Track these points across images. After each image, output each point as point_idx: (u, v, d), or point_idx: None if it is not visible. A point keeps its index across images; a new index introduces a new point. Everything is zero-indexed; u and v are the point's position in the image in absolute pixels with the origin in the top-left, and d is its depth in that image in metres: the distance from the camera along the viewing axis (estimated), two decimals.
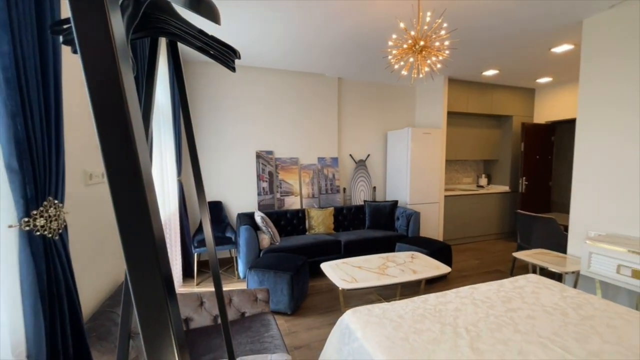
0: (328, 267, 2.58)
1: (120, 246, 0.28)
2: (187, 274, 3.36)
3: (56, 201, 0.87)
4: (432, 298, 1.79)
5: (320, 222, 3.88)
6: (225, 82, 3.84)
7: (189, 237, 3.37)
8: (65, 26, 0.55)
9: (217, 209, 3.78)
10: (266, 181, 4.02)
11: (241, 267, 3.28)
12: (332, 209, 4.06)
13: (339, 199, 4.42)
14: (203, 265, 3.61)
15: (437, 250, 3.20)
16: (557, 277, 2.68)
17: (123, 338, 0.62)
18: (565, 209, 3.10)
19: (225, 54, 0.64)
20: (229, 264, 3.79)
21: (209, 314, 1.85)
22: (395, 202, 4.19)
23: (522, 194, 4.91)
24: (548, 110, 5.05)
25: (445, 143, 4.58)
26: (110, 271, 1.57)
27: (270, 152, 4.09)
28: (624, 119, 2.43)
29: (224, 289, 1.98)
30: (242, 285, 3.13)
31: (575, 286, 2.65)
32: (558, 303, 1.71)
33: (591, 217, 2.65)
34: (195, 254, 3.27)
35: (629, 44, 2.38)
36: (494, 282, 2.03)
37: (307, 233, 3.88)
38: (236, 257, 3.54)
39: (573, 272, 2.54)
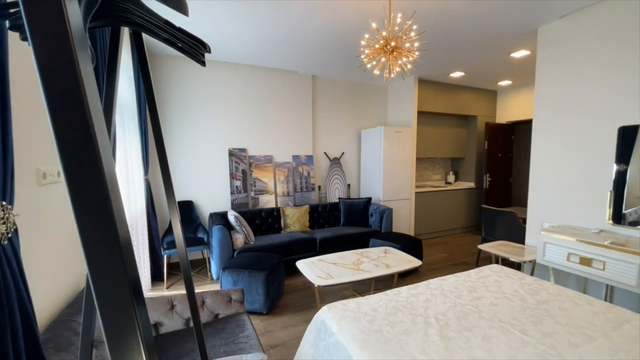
0: (304, 265, 2.58)
1: (81, 250, 0.26)
2: (157, 277, 3.21)
3: (4, 203, 0.80)
4: (404, 291, 1.86)
5: (295, 220, 3.87)
6: (196, 77, 3.70)
7: (158, 239, 3.22)
8: (12, 10, 0.50)
9: (187, 209, 3.64)
10: (239, 179, 3.93)
11: (214, 268, 3.19)
12: (307, 206, 4.06)
13: (314, 196, 4.43)
14: (173, 268, 3.47)
15: (409, 244, 3.31)
16: (517, 266, 2.88)
17: (85, 348, 0.58)
18: (524, 203, 3.34)
19: (194, 47, 0.62)
20: (201, 266, 3.67)
21: (180, 317, 1.79)
22: (369, 199, 4.28)
23: (486, 190, 5.22)
24: (508, 111, 5.40)
25: (415, 141, 4.74)
26: (69, 277, 1.46)
27: (244, 150, 4.00)
28: (574, 121, 2.66)
29: (197, 291, 1.92)
30: (216, 287, 3.05)
31: (532, 274, 2.87)
32: (517, 290, 1.85)
33: (546, 210, 2.88)
34: (165, 256, 3.13)
35: (577, 50, 2.61)
36: (461, 273, 2.14)
37: (282, 231, 3.86)
38: (209, 258, 3.44)
39: (530, 261, 2.75)
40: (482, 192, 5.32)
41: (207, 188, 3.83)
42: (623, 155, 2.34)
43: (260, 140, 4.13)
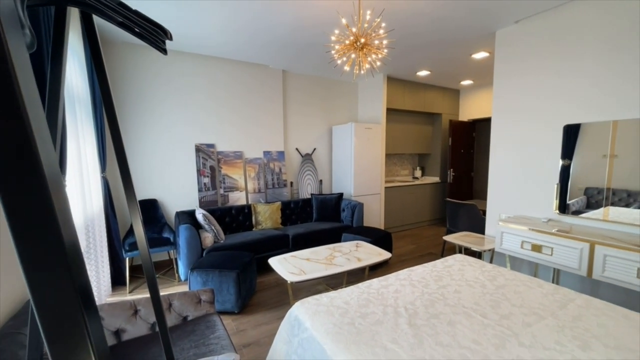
0: (276, 262, 2.56)
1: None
2: (118, 282, 3.02)
3: None
4: (375, 283, 1.91)
5: (267, 217, 3.82)
6: (160, 68, 3.48)
7: (119, 240, 3.01)
8: None
9: (151, 208, 3.45)
10: (208, 176, 3.79)
11: (182, 268, 3.06)
12: (279, 203, 4.02)
13: (286, 193, 4.40)
14: (137, 270, 3.28)
15: (379, 238, 3.41)
16: (478, 255, 3.09)
17: None
18: (484, 196, 3.56)
19: (153, 33, 0.57)
20: (168, 267, 3.51)
21: (145, 322, 1.69)
22: (341, 195, 4.34)
23: (450, 184, 5.51)
24: (470, 109, 5.72)
25: (385, 138, 4.87)
26: (13, 286, 1.32)
27: (212, 146, 3.86)
28: (527, 119, 2.87)
29: (163, 293, 1.83)
30: (184, 288, 2.93)
31: (491, 261, 3.09)
32: (478, 277, 1.97)
33: (503, 202, 3.10)
34: (127, 259, 2.95)
35: (529, 53, 2.81)
36: (428, 263, 2.24)
37: (254, 229, 3.79)
38: (176, 259, 3.29)
39: (489, 250, 2.95)
40: (446, 186, 5.60)
41: (173, 186, 3.64)
42: (567, 151, 2.58)
43: (230, 136, 4.01)
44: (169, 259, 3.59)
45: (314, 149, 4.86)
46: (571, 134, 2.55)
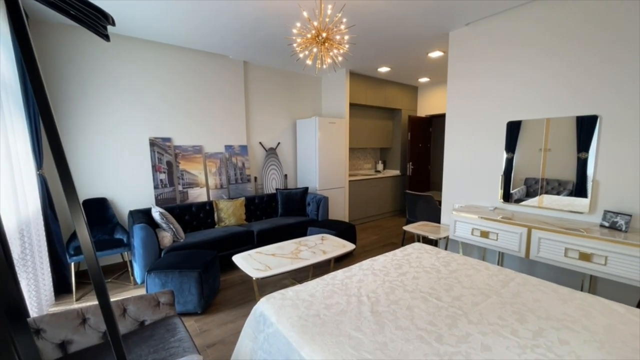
0: (240, 259, 2.51)
1: None
2: (63, 289, 2.75)
3: None
4: (339, 274, 1.96)
5: (230, 214, 3.71)
6: (108, 55, 3.17)
7: (62, 244, 2.74)
8: None
9: (100, 208, 3.17)
10: (164, 172, 3.57)
11: (138, 271, 2.87)
12: (243, 199, 3.93)
13: (250, 188, 4.31)
14: (86, 276, 3.02)
15: (344, 230, 3.49)
16: (435, 242, 3.30)
17: None
18: (440, 187, 3.80)
19: (92, 18, 0.52)
20: (122, 270, 3.27)
21: (95, 331, 1.57)
22: (306, 189, 4.35)
23: (409, 177, 5.79)
24: (427, 105, 6.03)
25: (348, 132, 4.96)
26: None
27: (168, 139, 3.63)
28: (477, 116, 3.10)
29: (116, 298, 1.71)
30: (141, 291, 2.76)
31: (446, 248, 3.32)
32: (434, 263, 2.12)
33: (456, 192, 3.34)
34: (73, 264, 2.69)
35: (479, 53, 3.03)
36: (389, 253, 2.35)
37: (216, 226, 3.66)
38: (131, 261, 3.08)
39: (444, 238, 3.17)
40: (406, 179, 5.88)
41: (125, 183, 3.38)
42: (510, 145, 2.85)
43: (188, 129, 3.80)
44: (122, 262, 3.34)
45: (278, 143, 4.80)
46: (514, 129, 2.81)
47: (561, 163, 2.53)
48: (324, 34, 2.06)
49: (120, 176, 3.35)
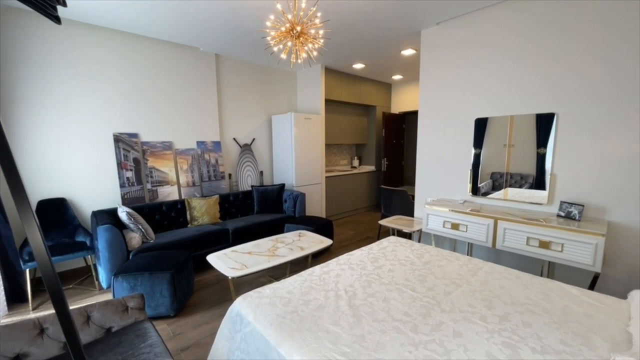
0: (215, 258, 2.44)
1: None
2: (17, 298, 2.53)
3: None
4: (317, 270, 1.96)
5: (204, 212, 3.59)
6: (64, 44, 2.92)
7: (14, 250, 2.51)
8: None
9: (59, 208, 2.94)
10: (131, 170, 3.38)
11: (103, 275, 2.70)
12: (216, 197, 3.81)
13: (224, 185, 4.19)
14: (43, 283, 2.78)
15: (321, 226, 3.50)
16: (409, 235, 3.40)
17: None
18: (413, 182, 3.91)
19: None
20: (85, 275, 3.06)
21: (55, 341, 1.46)
22: (283, 185, 4.31)
23: (384, 172, 5.92)
24: (401, 102, 6.17)
25: (324, 128, 4.96)
26: None
27: (134, 135, 3.44)
28: (447, 112, 3.22)
29: (79, 305, 1.60)
30: (107, 296, 2.60)
31: (419, 241, 3.44)
32: (409, 256, 2.18)
33: (429, 187, 3.46)
34: (27, 270, 2.47)
35: (449, 52, 3.14)
36: (365, 247, 2.39)
37: (189, 225, 3.53)
38: (95, 265, 2.89)
39: (418, 231, 3.28)
40: (381, 174, 6.01)
41: (87, 182, 3.15)
42: (478, 141, 2.99)
43: (156, 125, 3.61)
44: (86, 266, 3.13)
45: (253, 139, 4.70)
46: (481, 126, 2.95)
47: (523, 158, 2.70)
48: (299, 28, 2.03)
49: (81, 175, 3.12)
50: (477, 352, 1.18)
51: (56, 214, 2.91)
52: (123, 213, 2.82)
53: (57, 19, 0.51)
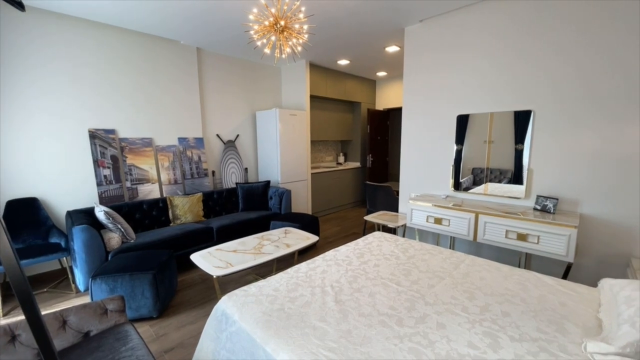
0: (199, 257, 2.39)
1: None
2: None
3: None
4: (303, 266, 1.96)
5: (187, 210, 3.51)
6: (32, 34, 2.75)
7: None
8: None
9: (31, 209, 2.79)
10: (109, 167, 3.24)
11: (81, 277, 2.59)
12: (200, 194, 3.73)
13: (207, 183, 4.10)
14: None
15: (307, 223, 3.50)
16: (393, 231, 3.46)
17: None
18: (397, 178, 3.96)
19: None
20: (61, 277, 2.93)
21: (29, 348, 1.39)
22: (268, 182, 4.27)
23: (369, 168, 5.98)
24: (385, 99, 6.23)
25: (309, 124, 4.94)
26: None
27: (112, 132, 3.30)
28: (430, 109, 3.27)
29: (54, 309, 1.53)
30: (85, 299, 2.50)
31: (404, 236, 3.50)
32: (393, 250, 2.21)
33: (413, 182, 3.52)
34: None
35: (432, 49, 3.18)
36: (351, 242, 2.41)
37: (171, 224, 3.44)
38: (71, 267, 2.77)
39: (402, 225, 3.33)
40: (366, 170, 6.06)
41: (61, 180, 3.01)
42: (460, 138, 3.06)
43: (135, 120, 3.48)
44: (61, 268, 3.00)
45: (237, 136, 4.62)
46: (463, 123, 3.02)
47: (502, 154, 2.79)
48: (282, 22, 2.00)
49: (54, 173, 2.97)
50: (459, 342, 1.21)
51: (27, 215, 2.76)
52: (101, 212, 2.71)
53: (19, 5, 0.47)
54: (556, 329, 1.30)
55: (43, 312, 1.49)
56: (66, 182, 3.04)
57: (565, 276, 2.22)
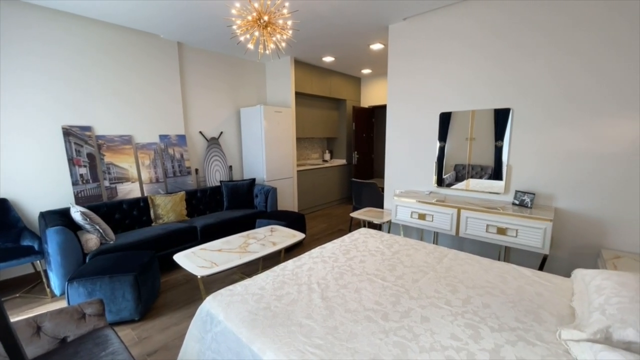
0: (182, 257, 2.33)
1: None
2: None
3: None
4: (290, 264, 1.95)
5: (169, 210, 3.42)
6: (5, 23, 2.58)
7: None
8: None
9: (0, 210, 2.64)
10: (85, 166, 3.11)
11: (56, 281, 2.48)
12: (183, 193, 3.64)
13: (190, 181, 4.01)
14: None
15: (294, 220, 3.49)
16: (379, 227, 3.50)
17: None
18: (382, 174, 4.01)
19: None
20: (35, 282, 2.80)
21: (1, 357, 1.31)
22: (253, 180, 4.22)
23: (355, 165, 6.01)
24: (370, 96, 6.27)
25: (295, 121, 4.91)
26: None
27: (87, 128, 3.16)
28: (414, 106, 3.32)
29: (28, 315, 1.46)
30: (61, 304, 2.40)
31: (389, 231, 3.55)
32: (379, 246, 2.24)
33: (397, 179, 3.57)
34: None
35: (415, 47, 3.22)
36: (337, 239, 2.42)
37: (153, 224, 3.35)
38: (46, 271, 2.65)
39: (387, 222, 3.38)
40: (352, 167, 6.09)
41: (32, 180, 2.86)
42: (443, 135, 3.12)
43: (112, 117, 3.35)
44: (35, 272, 2.86)
45: (221, 133, 4.53)
46: (445, 120, 3.08)
47: (483, 150, 2.87)
48: (266, 17, 1.97)
49: (25, 172, 2.82)
50: (442, 334, 1.24)
51: None
52: (77, 213, 2.60)
53: None
54: (533, 318, 1.35)
55: (14, 319, 1.42)
56: (39, 182, 2.89)
57: (541, 267, 2.31)
